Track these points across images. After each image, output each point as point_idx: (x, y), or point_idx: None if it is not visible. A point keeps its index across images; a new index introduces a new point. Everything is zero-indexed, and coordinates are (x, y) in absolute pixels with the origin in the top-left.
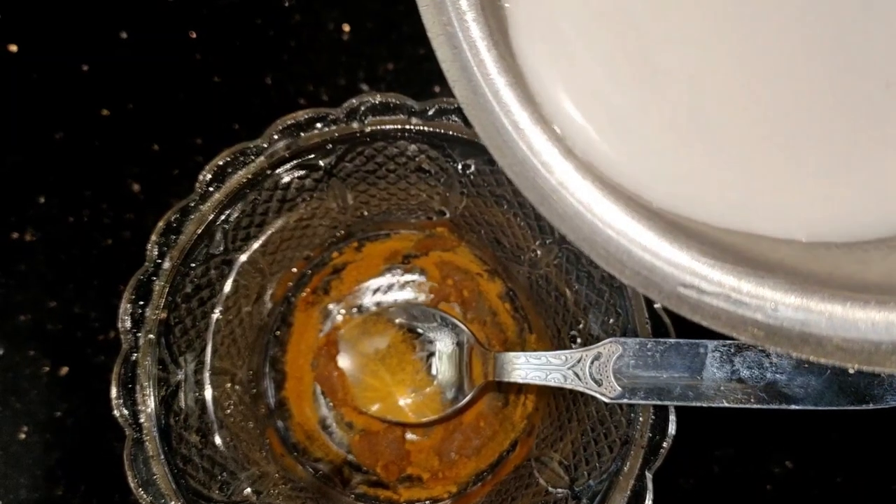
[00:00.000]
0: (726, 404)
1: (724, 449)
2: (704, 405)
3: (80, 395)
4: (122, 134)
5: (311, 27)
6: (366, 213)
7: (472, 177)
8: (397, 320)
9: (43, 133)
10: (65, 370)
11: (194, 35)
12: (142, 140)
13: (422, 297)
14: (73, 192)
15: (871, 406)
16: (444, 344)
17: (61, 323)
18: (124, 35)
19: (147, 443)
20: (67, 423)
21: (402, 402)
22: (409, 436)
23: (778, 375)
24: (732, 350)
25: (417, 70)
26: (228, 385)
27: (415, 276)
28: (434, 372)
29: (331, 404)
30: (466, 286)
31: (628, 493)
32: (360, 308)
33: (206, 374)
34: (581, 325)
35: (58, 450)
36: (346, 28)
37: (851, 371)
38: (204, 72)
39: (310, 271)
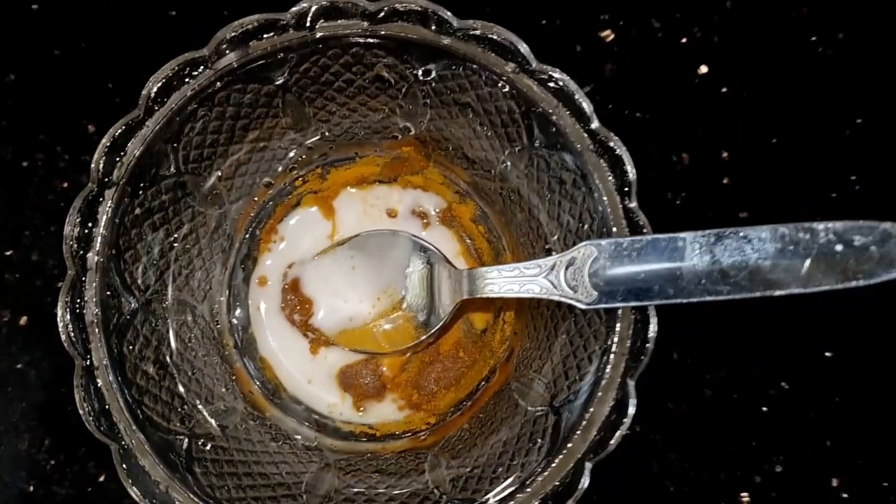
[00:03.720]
0: (708, 297)
1: (716, 372)
2: (685, 301)
3: (42, 346)
4: (75, 74)
5: None
6: (327, 134)
7: (433, 83)
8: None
9: None
10: (24, 320)
11: None
12: (95, 79)
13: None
14: (27, 136)
15: (861, 282)
16: (413, 266)
17: (19, 272)
18: None
19: (98, 371)
20: (29, 375)
21: (374, 332)
22: (386, 369)
23: (762, 261)
24: (713, 240)
25: None
26: (189, 318)
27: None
28: (404, 293)
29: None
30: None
31: (610, 403)
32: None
33: (164, 305)
34: (556, 237)
35: (20, 404)
36: None
37: (839, 248)
38: (158, 5)
39: (272, 202)
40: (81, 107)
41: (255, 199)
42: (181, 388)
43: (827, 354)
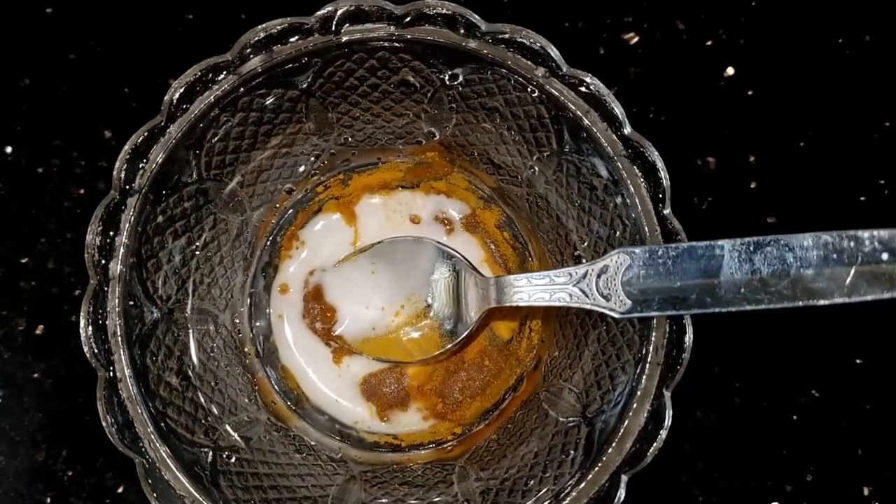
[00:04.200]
0: (748, 307)
1: (744, 380)
2: (724, 310)
3: (58, 355)
4: (90, 78)
5: None
6: (350, 139)
7: (460, 88)
8: (386, 255)
9: (8, 80)
10: (40, 328)
11: None
12: (111, 84)
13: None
14: (42, 142)
15: None
16: (438, 274)
17: (35, 279)
18: None
19: (121, 384)
20: (45, 384)
21: (399, 340)
22: (410, 379)
23: (804, 270)
24: (752, 248)
25: None
26: (211, 327)
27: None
28: (429, 301)
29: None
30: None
31: (645, 414)
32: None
33: (186, 314)
34: (585, 244)
35: (37, 414)
36: None
37: (884, 257)
38: (175, 8)
39: (293, 209)
40: (97, 111)
41: (277, 205)
42: (204, 400)
43: (857, 361)
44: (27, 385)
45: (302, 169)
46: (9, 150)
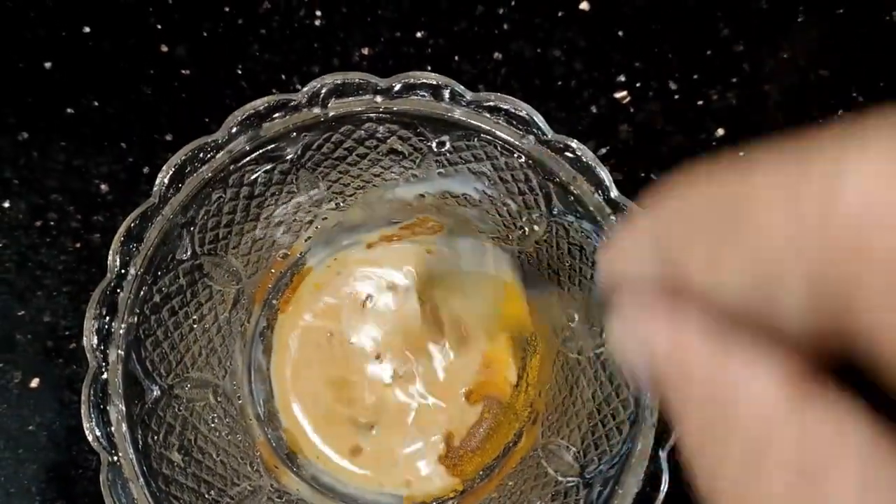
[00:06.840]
0: None
1: None
2: None
3: (53, 408)
4: (87, 133)
5: (282, 14)
6: (341, 204)
7: (448, 154)
8: None
9: (5, 134)
10: (35, 381)
11: (160, 27)
12: (108, 138)
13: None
14: (39, 196)
15: None
16: None
17: (31, 332)
18: (87, 29)
19: (124, 466)
20: (40, 437)
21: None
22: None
23: None
24: None
25: (395, 54)
26: (211, 398)
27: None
28: None
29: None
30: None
31: (642, 475)
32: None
33: (186, 388)
34: (577, 304)
35: (31, 465)
36: (319, 13)
37: None
38: (171, 64)
39: (289, 272)
40: (93, 166)
41: (272, 270)
42: (208, 472)
43: None
44: (22, 437)
45: (296, 235)
46: (6, 204)
